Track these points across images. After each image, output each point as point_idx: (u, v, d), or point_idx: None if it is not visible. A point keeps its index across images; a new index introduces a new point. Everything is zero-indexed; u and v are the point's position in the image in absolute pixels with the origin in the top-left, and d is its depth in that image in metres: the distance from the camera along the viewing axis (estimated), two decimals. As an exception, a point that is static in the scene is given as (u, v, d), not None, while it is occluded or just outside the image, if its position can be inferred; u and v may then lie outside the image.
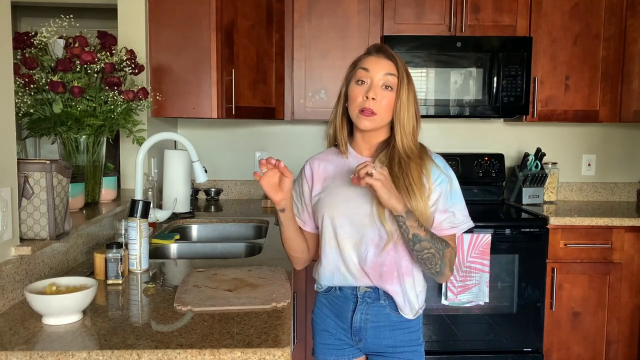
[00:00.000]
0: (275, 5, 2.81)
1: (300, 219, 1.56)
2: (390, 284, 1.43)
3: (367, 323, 1.47)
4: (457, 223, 1.44)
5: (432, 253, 1.35)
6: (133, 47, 2.25)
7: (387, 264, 1.42)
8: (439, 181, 1.42)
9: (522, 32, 2.84)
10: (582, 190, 3.30)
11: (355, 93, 1.43)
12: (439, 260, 1.37)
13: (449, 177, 1.43)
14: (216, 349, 1.08)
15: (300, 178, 1.59)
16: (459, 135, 3.26)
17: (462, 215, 1.45)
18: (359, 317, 1.47)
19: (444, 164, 1.47)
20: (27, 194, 1.43)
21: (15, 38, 1.85)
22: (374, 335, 1.47)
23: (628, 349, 2.72)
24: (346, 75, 1.50)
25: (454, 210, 1.43)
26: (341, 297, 1.49)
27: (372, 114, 1.40)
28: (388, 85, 1.42)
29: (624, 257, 2.67)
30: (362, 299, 1.46)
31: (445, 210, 1.42)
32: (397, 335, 1.47)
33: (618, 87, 2.90)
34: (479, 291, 2.53)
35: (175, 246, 2.11)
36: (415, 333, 1.49)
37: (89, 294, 1.24)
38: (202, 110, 2.56)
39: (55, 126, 1.92)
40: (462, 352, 2.65)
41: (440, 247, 1.37)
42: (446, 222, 1.42)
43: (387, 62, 1.43)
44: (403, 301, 1.44)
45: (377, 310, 1.46)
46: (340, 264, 1.46)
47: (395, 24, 2.84)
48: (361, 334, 1.48)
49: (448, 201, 1.42)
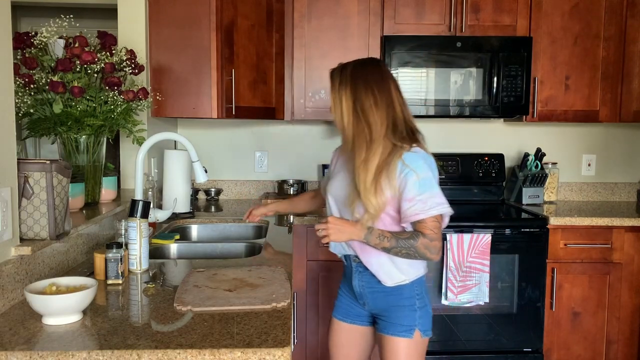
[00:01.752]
0: (275, 5, 2.81)
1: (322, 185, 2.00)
2: (364, 255, 1.67)
3: (364, 289, 1.74)
4: (425, 209, 1.56)
5: (405, 252, 1.57)
6: (133, 47, 2.25)
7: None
8: (402, 175, 1.57)
9: (522, 32, 2.84)
10: (582, 190, 3.30)
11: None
12: (415, 254, 1.57)
13: (413, 170, 1.57)
14: (216, 349, 1.08)
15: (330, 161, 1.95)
16: (459, 135, 3.26)
17: (433, 202, 1.57)
18: (357, 283, 1.75)
19: (412, 157, 1.59)
20: (27, 194, 1.43)
21: (15, 38, 1.85)
22: (372, 298, 1.73)
23: (628, 349, 2.72)
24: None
25: (421, 199, 1.56)
26: (347, 267, 1.79)
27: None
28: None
29: (624, 257, 2.67)
30: (356, 268, 1.74)
31: (411, 199, 1.57)
32: (390, 300, 1.70)
33: (618, 87, 2.90)
34: (479, 291, 2.53)
35: (175, 246, 2.11)
36: (409, 299, 1.69)
37: (89, 294, 1.24)
38: (202, 110, 2.56)
39: (55, 126, 1.92)
40: (462, 352, 2.65)
41: (410, 245, 1.56)
42: (411, 210, 1.57)
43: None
44: (377, 270, 1.67)
45: (369, 278, 1.71)
46: None
47: (395, 24, 2.84)
48: (363, 298, 1.76)
49: (415, 190, 1.56)
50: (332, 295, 2.62)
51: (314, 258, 2.61)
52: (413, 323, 1.67)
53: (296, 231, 2.58)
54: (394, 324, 1.68)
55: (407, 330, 1.67)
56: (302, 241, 2.59)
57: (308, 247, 2.60)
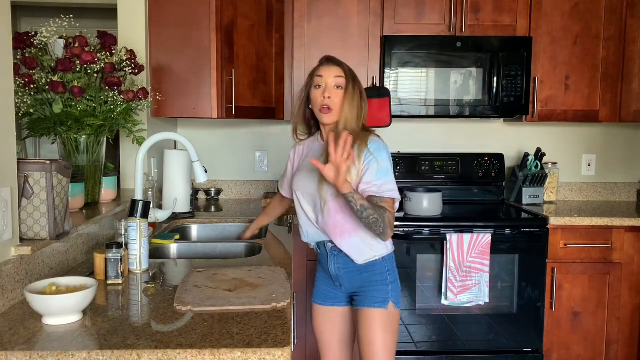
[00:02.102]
0: (275, 5, 2.81)
1: (282, 187, 2.16)
2: (336, 238, 1.82)
3: (340, 270, 1.88)
4: (381, 192, 1.75)
5: (375, 218, 1.69)
6: (133, 47, 2.25)
7: (330, 224, 1.81)
8: (367, 161, 1.76)
9: (522, 32, 2.84)
10: (582, 190, 3.30)
11: (316, 95, 1.84)
12: (382, 223, 1.70)
13: (375, 159, 1.76)
14: (216, 349, 1.08)
15: (289, 158, 2.11)
16: (459, 135, 3.25)
17: (387, 188, 1.76)
18: (333, 266, 1.89)
19: (377, 147, 1.79)
20: (27, 194, 1.43)
21: (15, 38, 1.85)
22: (348, 279, 1.88)
23: (628, 349, 2.72)
24: (306, 83, 1.91)
25: (377, 183, 1.75)
26: (321, 253, 1.94)
27: (329, 110, 1.82)
28: (339, 85, 1.82)
29: (624, 257, 2.67)
30: (331, 252, 1.88)
31: (368, 182, 1.75)
32: (365, 277, 1.85)
33: (618, 87, 2.90)
34: (479, 291, 2.53)
35: (175, 246, 2.11)
36: (381, 274, 1.84)
37: (89, 294, 1.24)
38: (202, 110, 2.56)
39: (55, 126, 1.92)
40: (462, 352, 2.65)
41: (381, 213, 1.70)
42: (366, 192, 1.75)
43: (336, 67, 1.84)
44: (349, 251, 1.82)
45: (344, 260, 1.86)
46: (308, 225, 1.90)
47: (395, 24, 2.84)
48: (340, 280, 1.90)
49: (373, 176, 1.75)
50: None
51: (314, 258, 2.60)
52: (387, 296, 1.83)
53: (296, 231, 2.57)
54: (369, 297, 1.83)
55: (381, 302, 1.82)
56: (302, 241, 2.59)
57: (308, 247, 2.59)
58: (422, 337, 2.63)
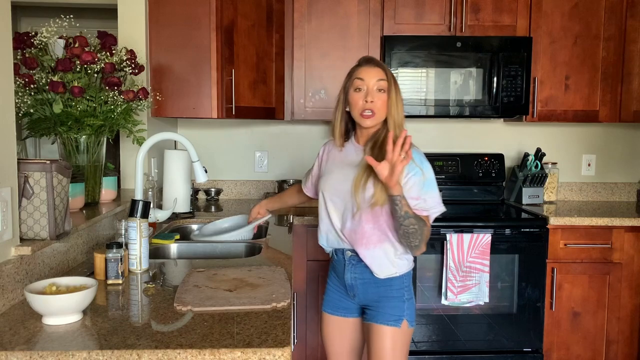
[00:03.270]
0: (275, 5, 2.81)
1: (305, 185, 2.08)
2: (360, 248, 1.74)
3: (356, 280, 1.80)
4: (427, 208, 1.71)
5: (415, 228, 1.63)
6: (133, 47, 2.25)
7: (358, 232, 1.74)
8: (412, 173, 1.69)
9: (522, 32, 2.84)
10: (582, 190, 3.30)
11: (356, 99, 1.74)
12: (419, 235, 1.65)
13: (421, 170, 1.70)
14: (216, 349, 1.08)
15: (317, 155, 2.00)
16: (459, 135, 3.26)
17: (433, 202, 1.71)
18: (349, 275, 1.81)
19: (420, 157, 1.73)
20: (27, 194, 1.43)
21: (15, 38, 1.85)
22: (363, 290, 1.80)
23: (628, 349, 2.72)
24: (344, 85, 1.81)
25: (426, 198, 1.70)
26: (337, 260, 1.85)
27: (372, 115, 1.73)
28: (381, 88, 1.73)
29: (624, 257, 2.67)
30: (349, 260, 1.80)
31: (417, 197, 1.69)
32: (381, 291, 1.78)
33: (618, 87, 2.90)
34: (479, 291, 2.53)
35: (175, 246, 2.11)
36: (398, 290, 1.78)
37: (89, 294, 1.24)
38: (202, 110, 2.56)
39: (55, 126, 1.92)
40: (462, 352, 2.65)
41: (422, 225, 1.65)
42: (416, 207, 1.68)
43: (377, 69, 1.75)
44: (371, 263, 1.75)
45: (361, 270, 1.79)
46: (331, 228, 1.81)
47: (395, 24, 2.84)
48: (354, 290, 1.82)
49: (421, 190, 1.69)
50: (332, 295, 2.62)
51: (314, 258, 2.61)
52: (402, 313, 1.76)
53: (296, 231, 2.58)
54: (383, 313, 1.76)
55: (396, 319, 1.75)
56: (302, 241, 2.59)
57: (308, 247, 2.60)
58: (422, 337, 2.63)
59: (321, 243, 1.89)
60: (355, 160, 1.78)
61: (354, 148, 1.82)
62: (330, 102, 2.88)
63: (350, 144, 1.85)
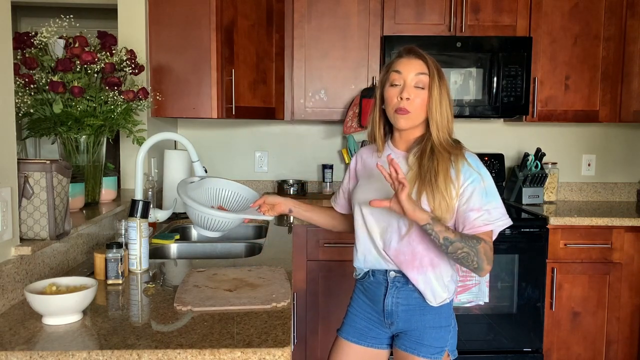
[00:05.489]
0: (275, 5, 2.81)
1: (335, 201, 1.78)
2: (411, 272, 1.49)
3: (398, 306, 1.54)
4: (492, 220, 1.44)
5: (466, 252, 1.38)
6: (133, 47, 2.25)
7: (407, 253, 1.49)
8: (470, 179, 1.45)
9: (522, 32, 2.84)
10: (582, 190, 3.30)
11: (390, 95, 1.50)
12: (474, 257, 1.39)
13: (480, 175, 1.46)
14: (216, 349, 1.08)
15: (348, 167, 1.74)
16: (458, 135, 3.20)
17: (498, 213, 1.45)
18: (390, 300, 1.54)
19: (477, 162, 1.50)
20: (27, 194, 1.43)
21: (15, 38, 1.85)
22: (405, 318, 1.54)
23: (628, 349, 2.72)
24: (380, 79, 1.57)
25: (489, 208, 1.44)
26: (374, 282, 1.57)
27: (407, 112, 1.47)
28: (420, 84, 1.49)
29: (624, 257, 2.67)
30: (392, 283, 1.54)
31: (479, 209, 1.43)
32: (428, 319, 1.53)
33: (618, 87, 2.90)
34: (478, 291, 2.53)
35: (175, 246, 2.11)
36: (447, 319, 1.54)
37: (89, 294, 1.24)
38: (202, 110, 2.56)
39: (55, 126, 1.92)
40: (462, 352, 2.62)
41: (473, 245, 1.39)
42: (480, 220, 1.43)
43: (417, 62, 1.50)
44: (424, 289, 1.50)
45: (407, 294, 1.53)
46: (371, 248, 1.55)
47: (395, 24, 2.84)
48: (393, 317, 1.55)
49: (483, 199, 1.44)
50: (332, 295, 2.62)
51: (314, 258, 2.61)
52: (445, 344, 1.54)
53: (296, 231, 2.58)
54: (426, 345, 1.52)
55: (438, 352, 1.52)
56: (302, 241, 2.59)
57: (308, 247, 2.60)
58: (422, 337, 2.63)
59: (356, 264, 1.61)
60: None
61: (394, 155, 1.53)
62: (330, 102, 2.88)
63: (388, 149, 1.59)
